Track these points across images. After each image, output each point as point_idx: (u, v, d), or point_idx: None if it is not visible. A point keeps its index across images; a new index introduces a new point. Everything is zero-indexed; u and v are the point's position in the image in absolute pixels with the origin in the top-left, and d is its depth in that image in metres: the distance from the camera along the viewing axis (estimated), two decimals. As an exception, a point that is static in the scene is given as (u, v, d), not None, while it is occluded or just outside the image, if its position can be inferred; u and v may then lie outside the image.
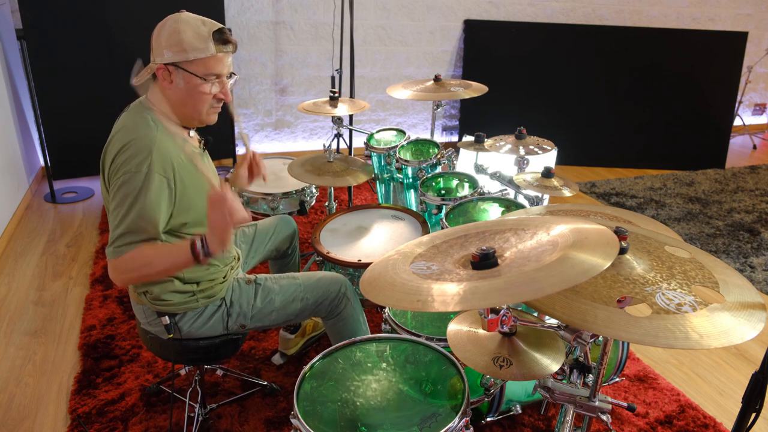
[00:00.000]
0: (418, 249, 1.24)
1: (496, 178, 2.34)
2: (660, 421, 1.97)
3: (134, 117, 1.45)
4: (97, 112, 3.51)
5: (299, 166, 2.53)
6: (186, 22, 1.41)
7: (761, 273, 3.04)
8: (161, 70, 1.43)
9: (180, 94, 1.46)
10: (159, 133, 1.42)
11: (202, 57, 1.41)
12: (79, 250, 3.02)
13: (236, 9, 4.11)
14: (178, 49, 1.40)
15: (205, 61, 1.42)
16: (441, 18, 4.66)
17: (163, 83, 1.45)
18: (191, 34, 1.40)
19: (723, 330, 0.97)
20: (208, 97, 1.48)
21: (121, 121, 1.47)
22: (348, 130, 3.40)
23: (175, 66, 1.42)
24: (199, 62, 1.42)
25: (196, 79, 1.43)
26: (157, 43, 1.42)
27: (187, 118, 1.52)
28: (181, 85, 1.44)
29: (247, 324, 1.66)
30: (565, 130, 4.53)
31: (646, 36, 4.72)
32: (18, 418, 1.93)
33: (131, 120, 1.45)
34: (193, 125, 1.56)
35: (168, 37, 1.40)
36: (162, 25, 1.43)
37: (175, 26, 1.40)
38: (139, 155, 1.36)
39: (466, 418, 1.22)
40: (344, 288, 1.75)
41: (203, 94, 1.46)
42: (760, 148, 5.49)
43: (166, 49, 1.40)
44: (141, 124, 1.42)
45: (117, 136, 1.41)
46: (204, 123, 1.55)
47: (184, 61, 1.41)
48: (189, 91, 1.45)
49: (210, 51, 1.41)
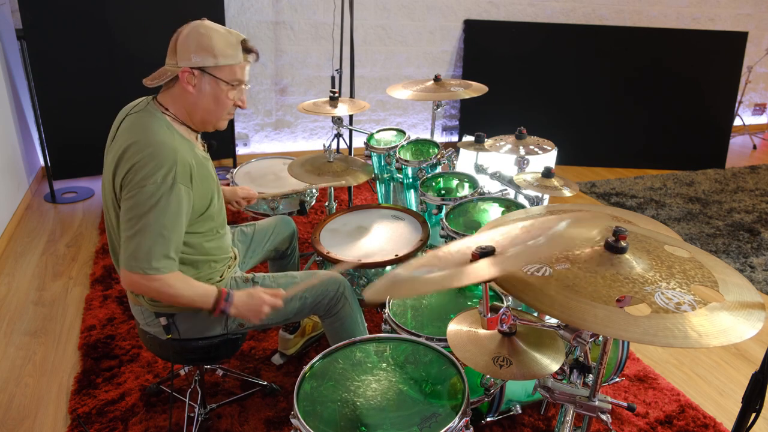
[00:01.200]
0: (419, 260, 1.25)
1: (496, 178, 2.34)
2: (660, 421, 1.97)
3: (147, 121, 1.45)
4: (97, 112, 3.51)
5: (299, 166, 2.53)
6: (215, 29, 1.44)
7: (761, 273, 3.04)
8: (186, 73, 1.44)
9: (203, 99, 1.48)
10: (176, 141, 1.44)
11: (231, 63, 1.46)
12: (79, 250, 3.02)
13: (236, 9, 4.11)
14: (208, 54, 1.43)
15: (233, 68, 1.47)
16: (441, 18, 4.66)
17: (186, 86, 1.46)
18: (222, 41, 1.44)
19: (722, 329, 0.97)
20: (230, 102, 1.52)
21: (130, 123, 1.46)
22: (348, 130, 3.40)
23: (202, 71, 1.44)
24: (227, 69, 1.46)
25: (222, 84, 1.47)
26: (184, 47, 1.43)
27: (204, 123, 1.54)
28: (206, 90, 1.47)
29: (246, 323, 1.66)
30: (565, 130, 4.53)
31: (646, 36, 4.72)
32: (18, 418, 1.93)
33: (143, 124, 1.44)
34: (206, 129, 1.58)
35: (197, 43, 1.42)
36: (188, 30, 1.44)
37: (205, 32, 1.43)
38: (163, 167, 1.37)
39: (466, 418, 1.22)
40: (342, 287, 1.76)
41: (227, 100, 1.50)
42: (760, 148, 5.49)
43: (195, 54, 1.42)
44: (158, 131, 1.42)
45: (131, 142, 1.40)
46: (216, 128, 1.57)
47: (212, 66, 1.44)
48: (214, 96, 1.48)
49: (238, 58, 1.47)
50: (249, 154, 4.49)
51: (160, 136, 1.41)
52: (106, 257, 2.91)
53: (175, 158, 1.39)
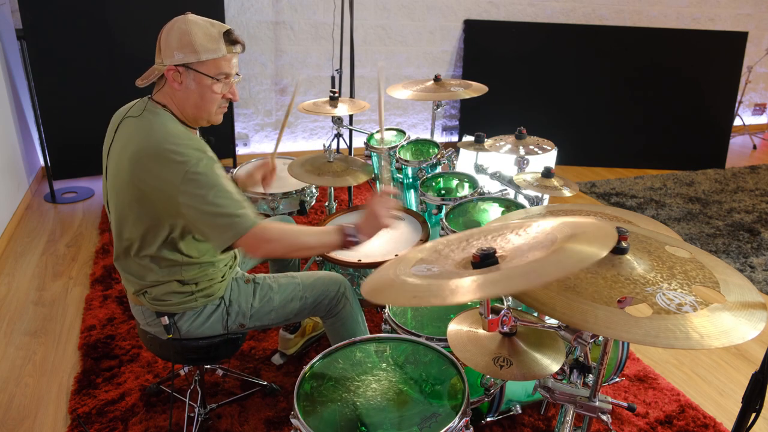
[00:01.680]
0: (420, 254, 1.24)
1: (496, 178, 2.34)
2: (660, 421, 1.97)
3: (154, 119, 1.45)
4: (97, 112, 3.49)
5: (299, 166, 2.53)
6: (195, 23, 1.42)
7: (761, 273, 3.04)
8: (171, 71, 1.44)
9: (190, 95, 1.48)
10: (185, 128, 1.45)
11: (213, 58, 1.44)
12: (79, 250, 3.02)
13: (236, 9, 4.11)
14: (189, 50, 1.41)
15: (217, 62, 1.45)
16: (441, 18, 4.66)
17: (173, 84, 1.46)
18: (202, 35, 1.42)
19: (724, 330, 0.97)
20: (218, 96, 1.50)
21: (135, 126, 1.45)
22: (348, 130, 3.40)
23: (186, 67, 1.43)
24: (210, 63, 1.44)
25: (207, 79, 1.45)
26: (166, 45, 1.42)
27: (196, 119, 1.54)
28: (192, 86, 1.46)
29: (246, 323, 1.66)
30: (565, 130, 4.53)
31: (646, 36, 4.72)
32: (18, 418, 1.93)
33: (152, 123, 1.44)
34: (200, 125, 1.58)
35: (179, 39, 1.41)
36: (170, 27, 1.43)
37: (185, 28, 1.41)
38: (189, 150, 1.38)
39: (466, 418, 1.22)
40: (343, 288, 1.76)
41: (214, 94, 1.49)
42: (760, 148, 5.49)
43: (177, 51, 1.41)
44: (169, 125, 1.43)
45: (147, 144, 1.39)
46: (211, 123, 1.56)
47: (195, 62, 1.43)
48: (200, 91, 1.47)
49: (221, 51, 1.44)
50: (249, 154, 4.49)
51: (167, 127, 1.43)
52: (106, 257, 2.91)
53: (191, 138, 1.41)
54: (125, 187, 1.44)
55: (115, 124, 1.51)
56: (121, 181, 1.44)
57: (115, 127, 1.50)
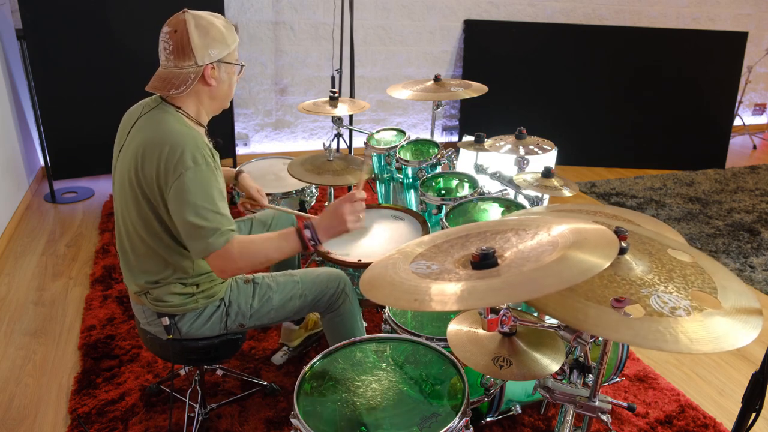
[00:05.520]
0: (419, 249, 1.24)
1: (496, 178, 2.34)
2: (660, 421, 1.97)
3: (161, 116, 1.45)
4: (97, 112, 3.52)
5: (299, 165, 2.53)
6: (206, 18, 1.45)
7: (761, 273, 3.04)
8: (209, 69, 1.46)
9: (222, 87, 1.53)
10: (192, 131, 1.46)
11: (234, 46, 1.50)
12: (79, 250, 3.02)
13: (236, 9, 4.11)
14: (221, 45, 1.45)
15: (235, 49, 1.53)
16: (441, 18, 4.65)
17: (209, 82, 1.48)
18: (222, 28, 1.46)
19: (715, 336, 0.96)
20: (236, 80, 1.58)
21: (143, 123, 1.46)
22: (348, 130, 3.40)
23: (219, 61, 1.47)
24: (234, 51, 1.52)
25: (235, 68, 1.53)
26: (199, 45, 1.42)
27: (218, 109, 1.59)
28: (224, 78, 1.51)
29: (246, 323, 1.66)
30: (565, 130, 4.53)
31: (646, 36, 4.72)
32: (18, 418, 1.93)
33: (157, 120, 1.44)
34: (216, 113, 1.61)
35: (209, 37, 1.43)
36: (182, 28, 1.41)
37: (207, 24, 1.43)
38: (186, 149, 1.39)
39: (466, 418, 1.22)
40: (343, 284, 1.76)
41: (236, 80, 1.57)
42: (760, 148, 5.49)
43: (211, 49, 1.44)
44: (173, 123, 1.44)
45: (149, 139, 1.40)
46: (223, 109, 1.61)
47: (226, 54, 1.48)
48: (230, 81, 1.54)
49: (237, 38, 1.51)
50: (249, 154, 4.49)
51: (174, 126, 1.43)
52: (106, 257, 2.91)
53: (196, 140, 1.42)
54: (129, 183, 1.45)
55: (129, 125, 1.51)
56: (126, 178, 1.45)
57: (128, 130, 1.50)
